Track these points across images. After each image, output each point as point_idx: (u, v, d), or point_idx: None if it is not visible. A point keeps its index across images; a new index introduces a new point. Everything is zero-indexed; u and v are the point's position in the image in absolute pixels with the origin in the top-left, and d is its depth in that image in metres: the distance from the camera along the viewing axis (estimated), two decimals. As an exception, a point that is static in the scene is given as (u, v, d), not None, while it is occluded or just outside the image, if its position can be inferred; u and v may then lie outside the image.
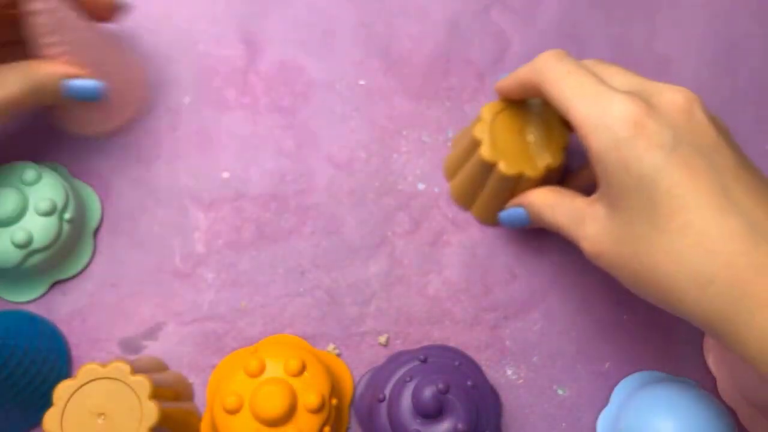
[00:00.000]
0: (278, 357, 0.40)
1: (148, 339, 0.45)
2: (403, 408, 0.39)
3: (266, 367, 0.40)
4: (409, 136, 0.50)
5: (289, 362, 0.40)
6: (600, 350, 0.45)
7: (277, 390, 0.38)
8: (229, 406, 0.38)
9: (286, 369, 0.40)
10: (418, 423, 0.39)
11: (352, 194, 0.48)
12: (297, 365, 0.39)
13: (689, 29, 0.54)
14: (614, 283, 0.47)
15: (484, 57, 0.52)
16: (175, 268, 0.47)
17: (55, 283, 0.46)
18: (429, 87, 0.51)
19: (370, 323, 0.46)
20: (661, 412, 0.39)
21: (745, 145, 0.51)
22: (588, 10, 0.54)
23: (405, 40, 0.52)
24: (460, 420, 0.38)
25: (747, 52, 0.53)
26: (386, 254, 0.47)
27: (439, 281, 0.47)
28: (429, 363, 0.41)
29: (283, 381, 0.39)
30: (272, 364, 0.40)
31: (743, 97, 0.52)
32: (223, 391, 0.39)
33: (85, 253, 0.46)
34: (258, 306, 0.46)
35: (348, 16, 0.52)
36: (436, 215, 0.48)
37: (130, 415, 0.37)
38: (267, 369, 0.40)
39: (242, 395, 0.39)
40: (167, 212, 0.48)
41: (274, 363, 0.40)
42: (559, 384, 0.45)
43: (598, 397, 0.45)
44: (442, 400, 0.39)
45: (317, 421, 0.39)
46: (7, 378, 0.39)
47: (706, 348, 0.46)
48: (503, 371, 0.45)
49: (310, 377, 0.40)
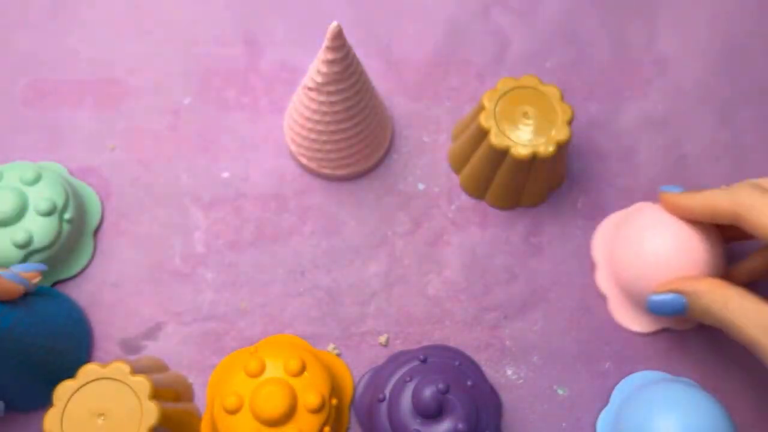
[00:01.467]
0: (278, 357, 0.40)
1: (148, 339, 0.45)
2: (403, 408, 0.39)
3: (266, 367, 0.40)
4: (409, 136, 0.50)
5: (289, 362, 0.40)
6: (600, 350, 0.45)
7: (277, 390, 0.38)
8: (229, 406, 0.38)
9: (286, 369, 0.39)
10: (418, 423, 0.39)
11: (352, 194, 0.48)
12: (297, 365, 0.39)
13: (689, 29, 0.54)
14: (614, 283, 0.47)
15: (484, 57, 0.52)
16: (175, 268, 0.47)
17: (55, 283, 0.46)
18: (429, 87, 0.51)
19: (370, 323, 0.46)
20: (661, 412, 0.39)
21: (745, 145, 0.51)
22: (588, 10, 0.54)
23: (405, 40, 0.52)
24: (460, 420, 0.38)
25: (747, 52, 0.53)
26: (386, 254, 0.47)
27: (439, 281, 0.47)
28: (429, 363, 0.41)
29: (283, 381, 0.39)
30: (272, 364, 0.40)
31: (743, 97, 0.52)
32: (223, 391, 0.39)
33: (85, 253, 0.46)
34: (258, 306, 0.46)
35: (348, 17, 0.52)
36: (436, 215, 0.48)
37: (131, 415, 0.37)
38: (267, 369, 0.40)
39: (242, 395, 0.39)
40: (167, 212, 0.48)
41: (274, 363, 0.40)
42: (559, 384, 0.45)
43: (598, 397, 0.44)
44: (442, 400, 0.39)
45: (317, 421, 0.39)
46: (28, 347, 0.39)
47: (595, 240, 0.47)
48: (503, 371, 0.45)
49: (310, 377, 0.40)
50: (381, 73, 0.51)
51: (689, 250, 0.41)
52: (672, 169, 0.50)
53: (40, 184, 0.44)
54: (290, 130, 0.47)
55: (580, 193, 0.49)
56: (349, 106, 0.43)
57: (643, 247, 0.42)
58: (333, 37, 0.40)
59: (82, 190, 0.47)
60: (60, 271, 0.46)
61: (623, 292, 0.45)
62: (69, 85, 0.50)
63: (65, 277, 0.46)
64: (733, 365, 0.45)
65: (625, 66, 0.53)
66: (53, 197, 0.44)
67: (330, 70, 0.41)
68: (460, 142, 0.48)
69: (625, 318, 0.46)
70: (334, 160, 0.47)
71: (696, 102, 0.52)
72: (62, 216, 0.44)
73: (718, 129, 0.51)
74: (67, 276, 0.46)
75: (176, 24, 0.52)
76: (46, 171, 0.45)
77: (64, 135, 0.49)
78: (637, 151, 0.50)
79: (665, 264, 0.41)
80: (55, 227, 0.44)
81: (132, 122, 0.49)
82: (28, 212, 0.43)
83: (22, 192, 0.43)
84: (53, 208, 0.43)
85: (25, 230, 0.43)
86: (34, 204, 0.43)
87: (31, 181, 0.44)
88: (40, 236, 0.43)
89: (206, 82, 0.51)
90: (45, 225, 0.43)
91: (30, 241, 0.43)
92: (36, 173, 0.44)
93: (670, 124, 0.51)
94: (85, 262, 0.46)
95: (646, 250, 0.42)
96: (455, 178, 0.49)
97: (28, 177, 0.44)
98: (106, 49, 0.51)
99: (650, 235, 0.42)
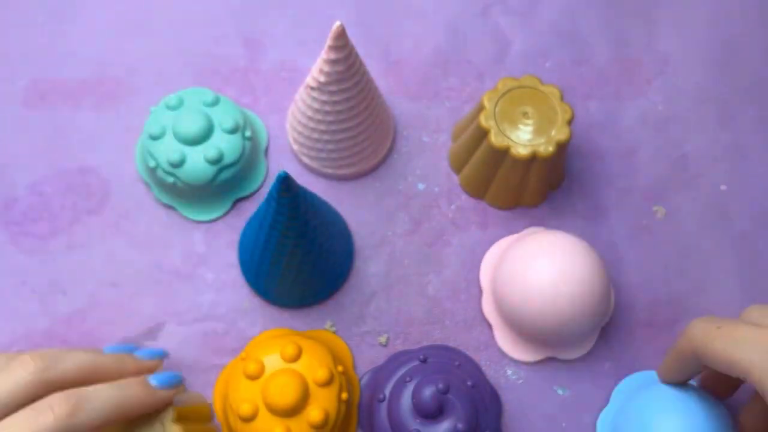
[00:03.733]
0: (272, 350, 0.40)
1: (148, 339, 0.45)
2: (403, 408, 0.39)
3: (264, 365, 0.40)
4: (409, 136, 0.50)
5: (285, 350, 0.40)
6: (600, 350, 0.45)
7: (285, 379, 0.39)
8: (245, 414, 0.38)
9: (284, 357, 0.40)
10: (418, 423, 0.39)
11: (353, 194, 0.48)
12: (294, 350, 0.40)
13: (689, 29, 0.54)
14: (614, 282, 0.47)
15: (484, 57, 0.52)
16: (175, 268, 0.47)
17: (236, 201, 0.48)
18: (429, 87, 0.51)
19: (370, 323, 0.46)
20: (662, 412, 0.39)
21: (746, 145, 0.51)
22: (588, 10, 0.54)
23: (405, 40, 0.52)
24: (460, 420, 0.38)
25: (747, 52, 0.53)
26: (386, 254, 0.47)
27: (439, 281, 0.47)
28: (429, 363, 0.41)
29: (286, 369, 0.39)
30: (269, 359, 0.40)
31: (743, 97, 0.52)
32: (232, 401, 0.39)
33: (260, 171, 0.48)
34: (258, 306, 0.46)
35: (348, 17, 0.52)
36: (436, 215, 0.48)
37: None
38: (266, 366, 0.40)
39: (253, 399, 0.39)
40: (167, 212, 0.48)
41: (271, 357, 0.40)
42: (559, 384, 0.45)
43: (598, 397, 0.44)
44: (442, 400, 0.39)
45: (333, 392, 0.39)
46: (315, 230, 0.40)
47: (483, 264, 0.46)
48: (503, 371, 0.45)
49: (310, 356, 0.40)
50: (381, 73, 0.51)
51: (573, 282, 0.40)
52: (672, 169, 0.50)
53: (218, 106, 0.46)
54: (292, 129, 0.47)
55: (580, 193, 0.49)
56: (351, 105, 0.43)
57: (527, 277, 0.41)
58: (336, 37, 0.40)
59: (248, 112, 0.49)
60: (241, 189, 0.48)
61: (506, 320, 0.44)
62: (69, 85, 0.50)
63: (246, 194, 0.48)
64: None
65: (625, 66, 0.53)
66: (234, 116, 0.46)
67: (332, 70, 0.41)
68: (460, 142, 0.48)
69: (509, 347, 0.45)
70: (336, 159, 0.47)
71: (696, 102, 0.52)
72: (244, 134, 0.46)
73: (718, 129, 0.51)
74: (247, 193, 0.48)
75: (176, 24, 0.52)
76: (220, 95, 0.47)
77: (64, 135, 0.49)
78: (637, 151, 0.50)
79: (549, 292, 0.40)
80: (240, 144, 0.46)
81: (132, 122, 0.49)
82: (215, 131, 0.45)
83: (206, 113, 0.46)
84: (236, 126, 0.46)
85: (216, 147, 0.45)
86: (219, 123, 0.46)
87: (211, 104, 0.46)
88: (229, 152, 0.45)
89: (206, 82, 0.51)
90: (232, 142, 0.46)
91: (221, 157, 0.45)
92: (214, 96, 0.46)
93: (670, 124, 0.51)
94: (261, 179, 0.48)
95: (530, 279, 0.41)
96: (455, 178, 0.49)
97: (208, 99, 0.46)
98: (106, 49, 0.51)
99: (535, 263, 0.41)
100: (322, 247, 0.42)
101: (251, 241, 0.42)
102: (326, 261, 0.43)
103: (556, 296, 0.40)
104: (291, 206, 0.38)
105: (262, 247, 0.41)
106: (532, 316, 0.41)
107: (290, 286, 0.43)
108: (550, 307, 0.40)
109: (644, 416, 0.40)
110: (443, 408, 0.39)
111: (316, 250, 0.41)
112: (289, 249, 0.40)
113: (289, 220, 0.38)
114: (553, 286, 0.40)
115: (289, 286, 0.43)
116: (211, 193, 0.46)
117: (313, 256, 0.41)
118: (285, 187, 0.36)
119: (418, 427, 0.39)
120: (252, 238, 0.42)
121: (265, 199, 0.39)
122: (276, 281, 0.43)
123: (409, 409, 0.39)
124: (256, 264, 0.43)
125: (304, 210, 0.38)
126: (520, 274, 0.42)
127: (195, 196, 0.46)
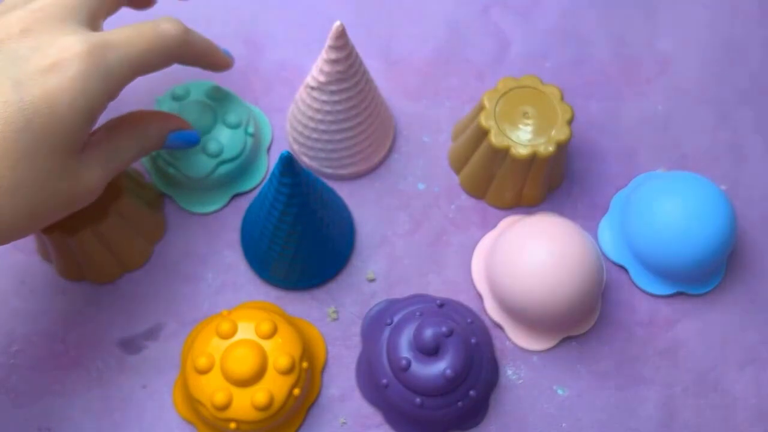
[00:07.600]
0: (250, 320, 0.41)
1: (148, 339, 0.45)
2: (404, 336, 0.40)
3: (238, 329, 0.40)
4: (409, 136, 0.50)
5: (261, 325, 0.40)
6: (600, 350, 0.45)
7: (248, 351, 0.39)
8: (200, 366, 0.39)
9: (258, 331, 0.40)
10: (411, 355, 0.40)
11: (353, 194, 0.48)
12: (269, 328, 0.40)
13: (689, 29, 0.54)
14: (614, 282, 0.47)
15: (484, 57, 0.52)
16: (175, 267, 0.47)
17: (235, 195, 0.48)
18: (429, 87, 0.51)
19: (370, 323, 0.46)
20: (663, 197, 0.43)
21: (746, 145, 0.51)
22: (588, 10, 0.54)
23: (405, 40, 0.53)
24: (450, 366, 0.39)
25: (747, 52, 0.53)
26: (386, 254, 0.47)
27: (439, 281, 0.47)
28: (444, 309, 0.42)
29: (253, 342, 0.40)
30: (244, 326, 0.41)
31: (743, 97, 0.52)
32: (194, 351, 0.40)
33: (261, 168, 0.48)
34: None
35: (348, 17, 0.52)
36: (436, 215, 0.48)
37: None
38: (239, 331, 0.40)
39: (213, 356, 0.40)
40: (168, 211, 0.48)
41: (246, 325, 0.41)
42: (559, 384, 0.45)
43: (598, 397, 0.45)
44: (441, 342, 0.39)
45: (287, 382, 0.40)
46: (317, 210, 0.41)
47: (474, 269, 0.46)
48: (503, 371, 0.45)
49: (282, 340, 0.40)
50: (381, 73, 0.51)
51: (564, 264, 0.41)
52: (672, 169, 0.50)
53: (224, 100, 0.46)
54: (292, 129, 0.47)
55: (580, 193, 0.49)
56: (351, 105, 0.44)
57: (523, 268, 0.42)
58: (336, 37, 0.40)
59: (253, 109, 0.49)
60: (240, 184, 0.48)
61: (513, 315, 0.44)
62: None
63: (244, 190, 0.48)
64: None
65: (625, 65, 0.53)
66: (238, 112, 0.46)
67: (333, 70, 0.41)
68: (460, 142, 0.48)
69: (523, 340, 0.45)
70: (336, 159, 0.47)
71: (696, 102, 0.52)
72: (246, 130, 0.46)
73: (718, 129, 0.51)
74: (246, 189, 0.48)
75: (176, 24, 0.52)
76: (227, 89, 0.47)
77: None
78: (637, 151, 0.50)
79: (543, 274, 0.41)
80: (242, 139, 0.46)
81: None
82: (218, 125, 0.46)
83: (211, 105, 0.46)
84: (239, 121, 0.46)
85: (217, 141, 0.45)
86: (222, 117, 0.46)
87: (217, 97, 0.46)
88: (230, 147, 0.45)
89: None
90: (233, 137, 0.46)
91: (221, 150, 0.45)
92: (221, 90, 0.46)
93: (670, 124, 0.51)
94: (261, 176, 0.48)
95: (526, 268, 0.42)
96: (455, 178, 0.49)
97: (213, 93, 0.46)
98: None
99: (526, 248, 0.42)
100: (320, 231, 0.42)
101: (252, 218, 0.43)
102: (324, 245, 0.43)
103: (554, 274, 0.41)
104: (291, 186, 0.39)
105: (262, 225, 0.42)
106: (542, 298, 0.41)
107: (288, 267, 0.44)
108: (553, 287, 0.41)
109: (646, 203, 0.44)
110: (439, 350, 0.39)
111: (314, 232, 0.42)
112: (287, 228, 0.41)
113: (289, 198, 0.39)
114: (549, 266, 0.41)
115: (287, 266, 0.44)
116: (209, 186, 0.46)
117: (310, 238, 0.42)
118: (287, 166, 0.38)
119: (410, 358, 0.40)
120: (254, 215, 0.43)
121: (268, 178, 0.40)
122: (273, 259, 0.43)
123: (408, 339, 0.40)
124: (255, 241, 0.43)
125: (306, 192, 0.39)
126: (516, 267, 0.42)
127: (193, 187, 0.46)
